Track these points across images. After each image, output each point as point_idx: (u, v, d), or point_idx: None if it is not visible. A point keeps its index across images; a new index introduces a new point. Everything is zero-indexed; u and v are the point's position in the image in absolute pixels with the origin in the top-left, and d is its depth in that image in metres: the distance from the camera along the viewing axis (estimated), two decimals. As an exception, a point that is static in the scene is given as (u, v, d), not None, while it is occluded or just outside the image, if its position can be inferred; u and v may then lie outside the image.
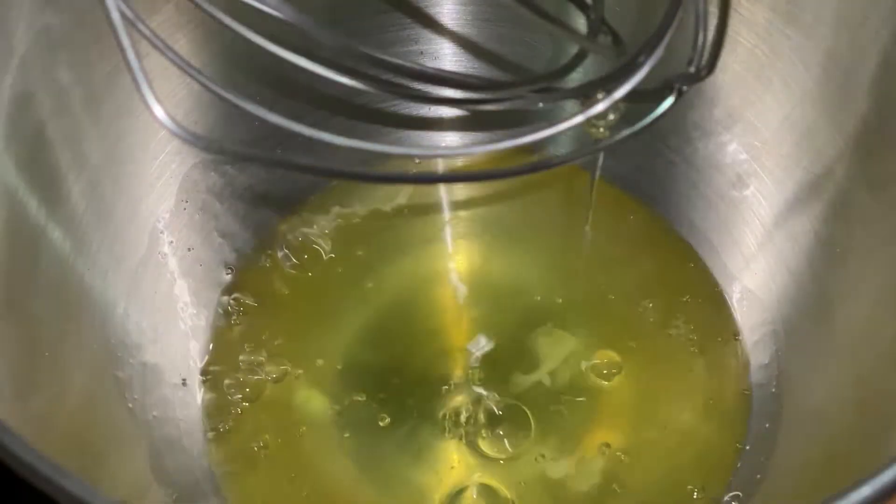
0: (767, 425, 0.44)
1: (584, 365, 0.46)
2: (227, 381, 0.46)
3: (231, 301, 0.48)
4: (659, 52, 0.29)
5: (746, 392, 0.45)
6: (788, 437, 0.42)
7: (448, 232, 0.52)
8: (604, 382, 0.46)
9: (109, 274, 0.42)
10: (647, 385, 0.46)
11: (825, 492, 0.26)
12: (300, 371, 0.46)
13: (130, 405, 0.42)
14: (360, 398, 0.46)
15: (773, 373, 0.45)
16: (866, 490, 0.25)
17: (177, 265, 0.47)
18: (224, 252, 0.49)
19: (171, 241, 0.46)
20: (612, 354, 0.46)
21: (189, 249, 0.47)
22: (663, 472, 0.44)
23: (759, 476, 0.42)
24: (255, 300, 0.48)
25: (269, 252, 0.50)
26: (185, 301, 0.47)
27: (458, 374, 0.46)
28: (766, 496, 0.41)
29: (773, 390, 0.44)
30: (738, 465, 0.43)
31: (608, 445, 0.44)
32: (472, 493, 0.43)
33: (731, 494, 0.42)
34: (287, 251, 0.50)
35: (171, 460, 0.43)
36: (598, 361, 0.46)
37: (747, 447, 0.44)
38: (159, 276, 0.46)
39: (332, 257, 0.50)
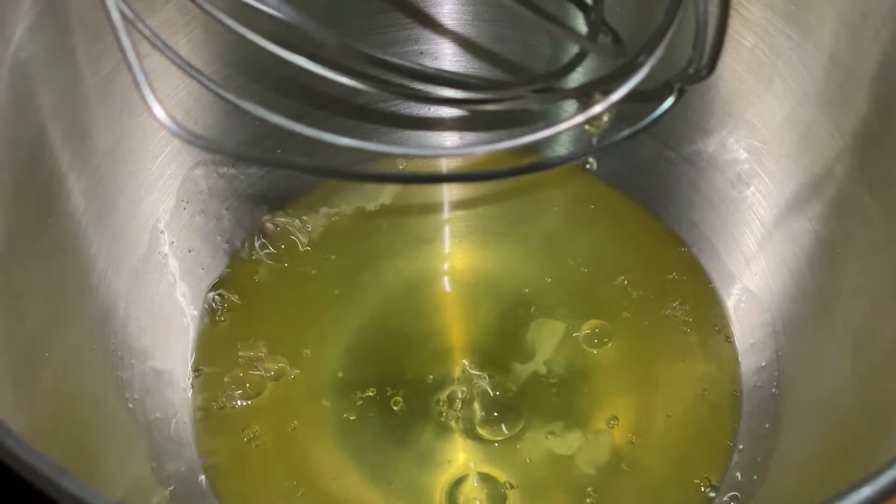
0: (767, 426, 0.44)
1: (575, 335, 0.47)
2: (226, 379, 0.46)
3: (216, 297, 0.48)
4: (659, 53, 0.29)
5: (737, 394, 0.45)
6: (788, 437, 0.42)
7: (446, 231, 0.52)
8: (593, 351, 0.47)
9: (109, 274, 0.42)
10: (642, 371, 0.46)
11: (825, 492, 0.26)
12: (297, 371, 0.46)
13: (131, 405, 0.42)
14: (355, 393, 0.46)
15: (773, 373, 0.45)
16: (866, 490, 0.25)
17: (177, 266, 0.47)
18: (225, 252, 0.49)
19: (172, 242, 0.46)
20: (605, 326, 0.47)
21: (189, 250, 0.47)
22: (664, 459, 0.44)
23: (757, 477, 0.42)
24: (240, 297, 0.48)
25: (259, 249, 0.50)
26: (185, 301, 0.47)
27: (453, 368, 0.46)
28: (766, 496, 0.41)
29: (773, 391, 0.44)
30: (738, 461, 0.43)
31: (612, 421, 0.44)
32: (472, 481, 0.43)
33: (730, 495, 0.42)
34: (274, 246, 0.50)
35: (171, 460, 0.43)
36: (588, 331, 0.47)
37: (741, 447, 0.44)
38: (160, 276, 0.46)
39: (331, 256, 0.50)
